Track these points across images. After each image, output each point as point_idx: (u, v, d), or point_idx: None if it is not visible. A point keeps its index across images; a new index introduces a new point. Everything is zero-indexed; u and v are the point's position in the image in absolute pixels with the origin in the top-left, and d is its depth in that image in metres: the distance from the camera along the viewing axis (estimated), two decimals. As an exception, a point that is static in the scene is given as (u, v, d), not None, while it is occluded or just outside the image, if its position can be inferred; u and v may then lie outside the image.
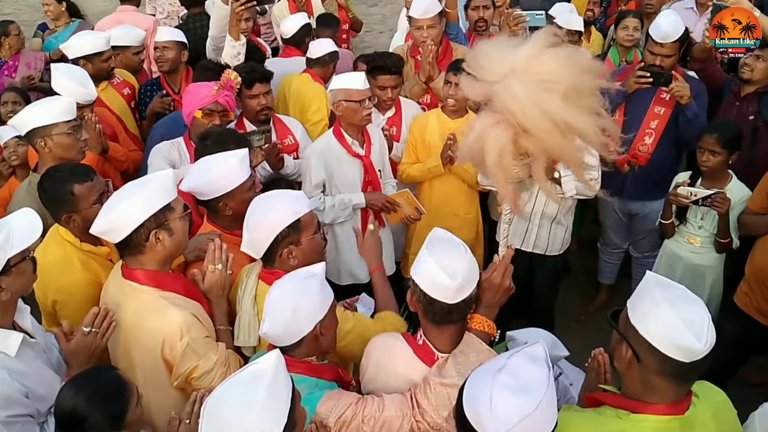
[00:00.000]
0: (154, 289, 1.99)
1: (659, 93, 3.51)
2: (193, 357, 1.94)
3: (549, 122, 1.64)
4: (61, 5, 4.76)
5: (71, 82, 3.09)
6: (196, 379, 1.96)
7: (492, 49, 1.75)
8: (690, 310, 1.43)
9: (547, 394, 1.32)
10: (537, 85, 1.64)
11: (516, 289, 3.55)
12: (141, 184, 2.02)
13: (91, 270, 2.27)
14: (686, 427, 1.49)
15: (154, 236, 1.96)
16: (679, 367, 1.42)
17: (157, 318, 1.95)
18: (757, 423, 1.70)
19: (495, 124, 1.71)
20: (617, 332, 1.54)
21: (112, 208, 1.96)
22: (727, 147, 3.03)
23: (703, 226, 3.19)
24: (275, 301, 1.75)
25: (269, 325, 1.74)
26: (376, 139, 3.31)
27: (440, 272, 1.67)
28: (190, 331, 1.94)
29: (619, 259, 4.10)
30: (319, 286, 1.79)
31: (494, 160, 1.71)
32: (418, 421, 1.67)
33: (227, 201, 2.35)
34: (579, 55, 1.75)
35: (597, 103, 1.74)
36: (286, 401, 1.35)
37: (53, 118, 2.64)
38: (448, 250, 1.73)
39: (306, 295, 1.75)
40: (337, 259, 3.31)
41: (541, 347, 1.43)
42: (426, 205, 3.49)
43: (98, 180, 2.35)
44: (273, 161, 3.26)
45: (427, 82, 3.71)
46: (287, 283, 1.79)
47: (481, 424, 1.29)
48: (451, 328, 1.76)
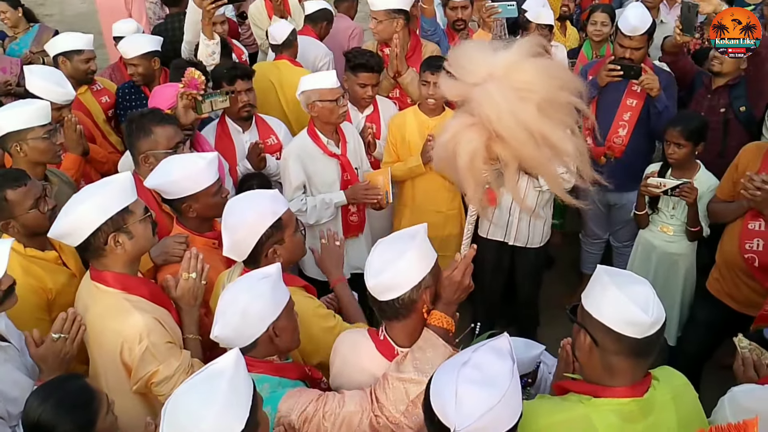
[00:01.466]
0: (120, 292, 1.98)
1: (631, 85, 3.56)
2: (152, 362, 1.92)
3: (524, 131, 1.63)
4: (17, 11, 4.76)
5: (47, 83, 3.06)
6: (155, 385, 1.95)
7: (473, 51, 1.73)
8: (636, 288, 1.52)
9: (511, 386, 1.35)
10: (514, 92, 1.63)
11: (500, 281, 3.65)
12: (98, 186, 2.00)
13: (34, 276, 2.24)
14: (646, 409, 1.54)
15: (112, 240, 1.94)
16: (634, 344, 1.49)
17: (119, 320, 1.94)
18: (726, 406, 1.72)
19: (470, 127, 1.70)
20: (575, 323, 1.61)
21: (68, 211, 1.94)
22: (691, 139, 3.09)
23: (675, 216, 3.25)
24: (225, 304, 1.74)
25: (220, 328, 1.72)
26: (351, 137, 3.31)
27: (367, 267, 1.71)
28: (150, 336, 1.92)
29: (600, 249, 4.17)
30: (271, 287, 1.76)
31: (465, 163, 1.70)
32: (377, 415, 1.68)
33: (191, 203, 2.35)
34: (559, 69, 1.74)
35: (571, 120, 1.72)
36: (246, 399, 1.35)
37: (28, 122, 2.61)
38: (389, 248, 1.74)
39: (256, 298, 1.73)
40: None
41: (506, 340, 1.47)
42: (409, 202, 3.55)
43: (33, 184, 2.30)
44: (255, 161, 3.27)
45: (396, 77, 3.73)
46: (239, 286, 1.78)
47: (447, 417, 1.33)
48: (404, 323, 1.76)
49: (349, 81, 3.48)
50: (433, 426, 1.38)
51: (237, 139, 3.36)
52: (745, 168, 2.88)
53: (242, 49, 4.51)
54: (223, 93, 3.07)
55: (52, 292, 2.26)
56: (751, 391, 1.73)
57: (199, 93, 2.95)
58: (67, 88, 3.16)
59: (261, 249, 2.05)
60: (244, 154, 3.32)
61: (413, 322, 1.76)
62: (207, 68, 3.46)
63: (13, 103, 2.90)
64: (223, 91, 3.09)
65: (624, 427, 1.52)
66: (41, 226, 2.21)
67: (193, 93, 2.93)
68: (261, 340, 1.76)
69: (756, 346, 1.89)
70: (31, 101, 2.78)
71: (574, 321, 1.62)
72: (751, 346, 1.90)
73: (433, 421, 1.37)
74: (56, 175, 2.86)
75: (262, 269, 1.84)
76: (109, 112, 3.92)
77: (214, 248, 2.42)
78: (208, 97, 2.98)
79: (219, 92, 3.07)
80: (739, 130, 3.46)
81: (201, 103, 2.98)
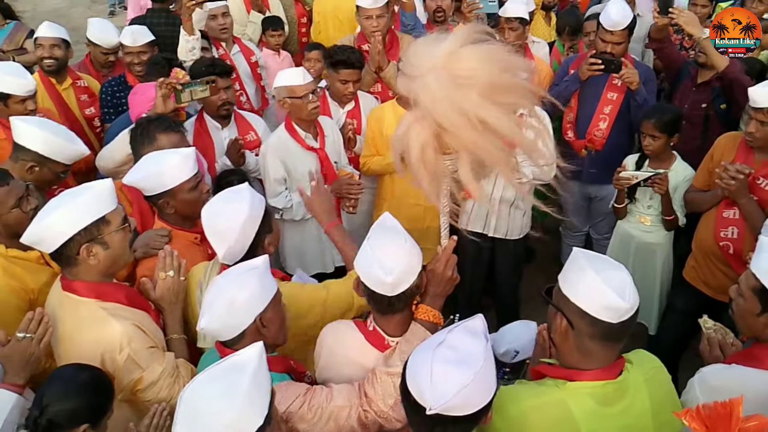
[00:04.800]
0: (95, 300, 1.92)
1: (611, 79, 3.61)
2: (135, 369, 1.89)
3: (461, 118, 1.61)
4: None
5: (7, 76, 3.01)
6: (141, 391, 1.92)
7: (419, 45, 1.73)
8: (613, 273, 1.53)
9: (484, 365, 1.37)
10: (453, 81, 1.61)
11: (481, 273, 3.67)
12: (75, 194, 1.92)
13: (14, 277, 2.20)
14: (620, 391, 1.57)
15: (86, 250, 1.88)
16: (609, 329, 1.51)
17: (96, 331, 1.88)
18: (696, 387, 1.76)
19: (418, 120, 1.69)
20: (552, 305, 1.63)
21: (42, 217, 1.88)
22: (666, 131, 3.14)
23: (652, 206, 3.29)
24: (212, 296, 1.72)
25: (207, 320, 1.70)
26: (330, 131, 3.32)
27: (376, 266, 1.68)
28: (131, 343, 1.88)
29: (580, 241, 4.21)
30: (259, 278, 1.75)
31: (417, 155, 1.69)
32: (366, 410, 1.69)
33: (168, 199, 2.32)
34: (500, 52, 1.69)
35: (526, 101, 1.71)
36: (267, 394, 1.33)
37: None
38: (388, 243, 1.73)
39: (243, 288, 1.71)
40: (320, 248, 3.34)
41: (480, 321, 1.49)
42: (388, 196, 3.56)
43: (15, 184, 2.25)
44: (234, 157, 3.27)
45: (377, 72, 3.75)
46: (225, 278, 1.76)
47: (423, 397, 1.34)
48: (397, 316, 1.78)
49: (330, 77, 3.48)
50: (410, 406, 1.40)
51: (216, 136, 3.35)
52: (720, 158, 2.93)
53: (253, 50, 4.40)
54: (203, 82, 3.03)
55: (34, 292, 2.23)
56: (718, 371, 1.78)
57: (179, 83, 2.93)
58: (28, 78, 3.09)
59: (258, 242, 2.04)
60: (223, 151, 3.32)
61: (409, 312, 1.80)
62: (183, 64, 3.45)
63: None
64: (203, 80, 3.04)
65: (599, 411, 1.55)
66: (23, 225, 2.14)
67: (172, 82, 2.91)
68: (248, 332, 1.73)
69: (721, 327, 1.94)
70: None
71: (549, 302, 1.64)
72: (716, 326, 1.94)
73: (409, 401, 1.39)
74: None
75: (249, 261, 1.81)
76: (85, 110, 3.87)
77: (197, 244, 2.41)
78: (187, 87, 2.95)
79: (199, 81, 3.03)
80: (719, 126, 3.51)
81: (180, 93, 2.94)
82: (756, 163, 2.83)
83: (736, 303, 1.82)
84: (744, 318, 1.79)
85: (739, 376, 1.73)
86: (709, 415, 1.21)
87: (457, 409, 1.34)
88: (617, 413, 1.57)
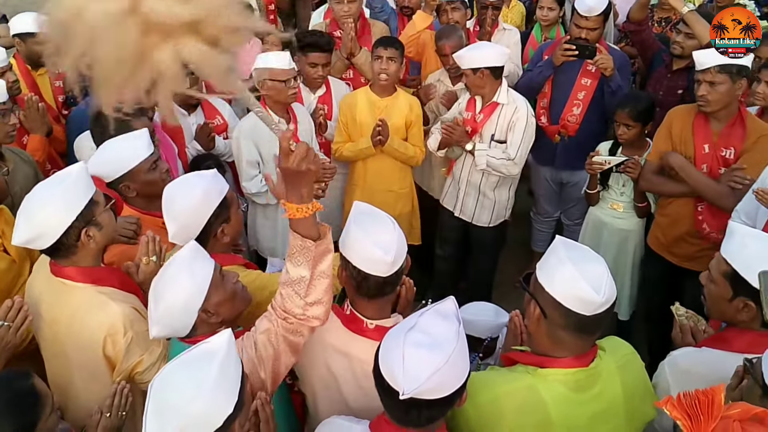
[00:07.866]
0: (91, 285, 1.93)
1: (585, 65, 3.60)
2: (137, 351, 1.91)
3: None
4: None
5: None
6: (140, 374, 1.93)
7: None
8: (590, 266, 1.51)
9: (457, 347, 1.36)
10: None
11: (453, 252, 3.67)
12: (55, 184, 1.90)
13: None
14: (591, 378, 1.57)
15: (85, 234, 1.89)
16: (581, 321, 1.50)
17: (97, 314, 1.89)
18: (666, 369, 1.77)
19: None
20: (527, 292, 1.61)
21: (31, 216, 1.84)
22: (639, 120, 3.16)
23: (624, 193, 3.31)
24: (153, 304, 1.70)
25: (156, 330, 1.70)
26: (303, 117, 3.32)
27: (374, 247, 1.66)
28: (134, 326, 1.90)
29: (551, 227, 4.23)
30: (188, 272, 1.70)
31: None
32: (286, 318, 1.61)
33: (128, 182, 2.33)
34: None
35: None
36: (236, 382, 1.32)
37: None
38: (377, 224, 1.73)
39: (176, 290, 1.68)
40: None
41: (451, 303, 1.47)
42: (360, 182, 3.57)
43: None
44: (204, 141, 3.26)
45: (349, 58, 3.75)
46: (161, 280, 1.72)
47: (396, 381, 1.33)
48: (384, 299, 1.77)
49: (300, 61, 3.46)
50: (383, 391, 1.38)
51: (183, 122, 3.31)
52: (681, 130, 2.92)
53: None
54: None
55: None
56: (687, 354, 1.79)
57: None
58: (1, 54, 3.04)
59: (210, 229, 2.02)
60: (191, 137, 3.31)
61: (392, 297, 1.80)
62: None
63: None
64: None
65: (571, 397, 1.55)
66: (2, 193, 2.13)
67: None
68: (198, 324, 1.73)
69: (692, 314, 1.96)
70: None
71: (525, 290, 1.63)
72: (687, 313, 1.96)
73: (383, 386, 1.38)
74: (14, 153, 2.77)
75: (177, 255, 1.77)
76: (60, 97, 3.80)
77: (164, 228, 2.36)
78: None
79: None
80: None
81: None
82: (714, 135, 2.85)
83: (708, 289, 1.82)
84: (716, 303, 1.80)
85: (709, 359, 1.74)
86: (690, 403, 1.20)
87: (431, 393, 1.33)
88: (588, 399, 1.57)
